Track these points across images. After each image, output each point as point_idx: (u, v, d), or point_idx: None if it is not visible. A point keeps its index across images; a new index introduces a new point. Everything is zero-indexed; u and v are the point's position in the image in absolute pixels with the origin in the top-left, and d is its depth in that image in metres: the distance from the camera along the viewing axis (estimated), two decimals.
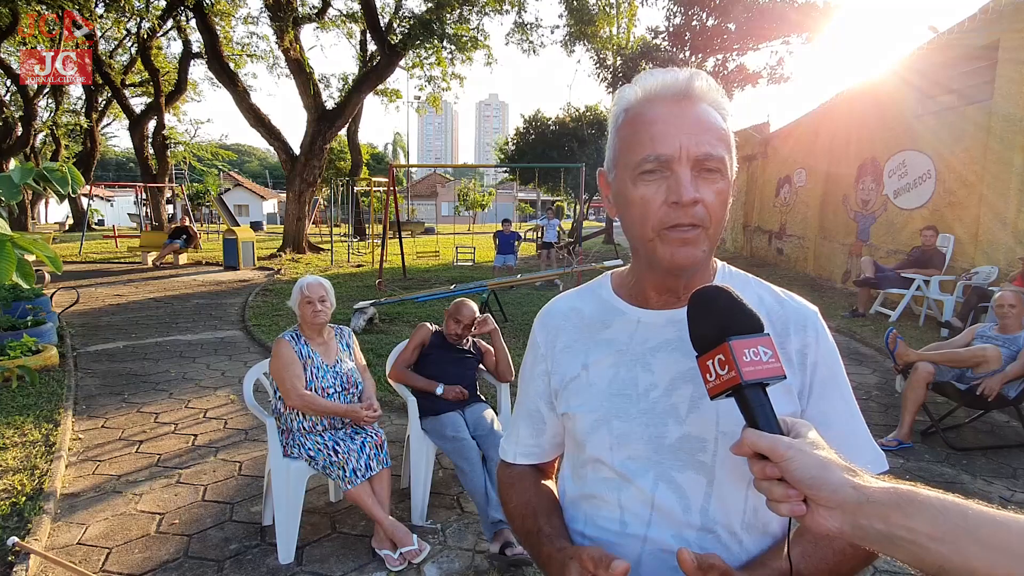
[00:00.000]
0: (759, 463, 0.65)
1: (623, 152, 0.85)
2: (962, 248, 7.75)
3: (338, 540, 2.96)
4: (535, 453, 1.05)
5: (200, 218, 31.43)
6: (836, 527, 0.61)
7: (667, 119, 0.81)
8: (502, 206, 45.34)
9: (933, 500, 0.57)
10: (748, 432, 0.66)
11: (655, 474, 0.86)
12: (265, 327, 7.54)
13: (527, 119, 22.18)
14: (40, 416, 4.36)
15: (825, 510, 0.61)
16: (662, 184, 0.80)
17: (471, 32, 15.47)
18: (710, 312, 0.73)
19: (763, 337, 0.71)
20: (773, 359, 0.69)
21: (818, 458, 0.62)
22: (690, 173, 0.79)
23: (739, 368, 0.67)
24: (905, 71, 9.11)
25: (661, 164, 0.80)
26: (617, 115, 0.88)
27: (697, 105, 0.82)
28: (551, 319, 1.01)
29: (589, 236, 22.48)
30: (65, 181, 1.48)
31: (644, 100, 0.84)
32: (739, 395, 0.69)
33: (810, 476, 0.61)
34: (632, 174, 0.82)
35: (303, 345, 2.96)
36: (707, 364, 0.72)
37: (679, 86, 0.82)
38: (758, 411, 0.68)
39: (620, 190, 0.86)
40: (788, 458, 0.62)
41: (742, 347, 0.69)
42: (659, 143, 0.80)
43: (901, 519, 0.57)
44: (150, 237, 16.00)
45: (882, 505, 0.58)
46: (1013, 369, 3.86)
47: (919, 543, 0.56)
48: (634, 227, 0.85)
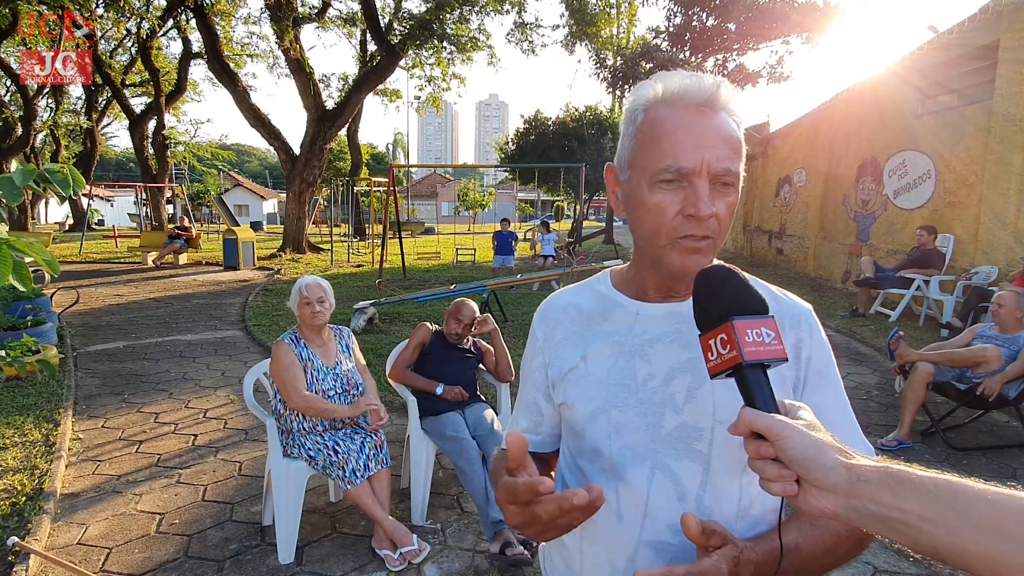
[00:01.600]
0: (754, 442, 0.65)
1: (640, 154, 0.84)
2: (962, 248, 7.75)
3: (338, 540, 2.96)
4: (533, 441, 1.06)
5: (200, 218, 31.43)
6: (829, 508, 0.61)
7: (690, 129, 0.80)
8: (502, 206, 45.39)
9: (925, 480, 0.57)
10: (746, 411, 0.66)
11: (652, 463, 0.87)
12: (265, 327, 7.55)
13: (527, 119, 22.16)
14: (40, 416, 4.36)
15: (817, 491, 0.62)
16: (679, 193, 0.81)
17: (471, 32, 15.48)
18: (716, 292, 0.74)
19: (767, 319, 0.71)
20: (776, 341, 0.70)
21: (813, 439, 0.63)
22: (708, 187, 0.80)
23: (740, 348, 0.68)
24: (905, 71, 9.11)
25: (681, 176, 0.80)
26: (634, 112, 0.86)
27: (718, 115, 0.82)
28: (550, 312, 1.02)
29: (589, 236, 22.48)
30: (66, 183, 1.48)
31: (665, 103, 0.83)
32: (739, 375, 0.70)
33: (804, 457, 0.62)
34: (649, 179, 0.82)
35: (302, 347, 2.95)
36: (708, 343, 0.72)
37: (704, 95, 0.81)
38: (757, 392, 0.68)
39: (633, 192, 0.86)
40: (784, 437, 0.63)
41: (745, 327, 0.69)
42: (681, 155, 0.79)
43: (892, 500, 0.57)
44: (150, 237, 16.00)
45: (873, 485, 0.58)
46: (1013, 369, 3.86)
47: (910, 523, 0.56)
48: (645, 231, 0.85)
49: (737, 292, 0.73)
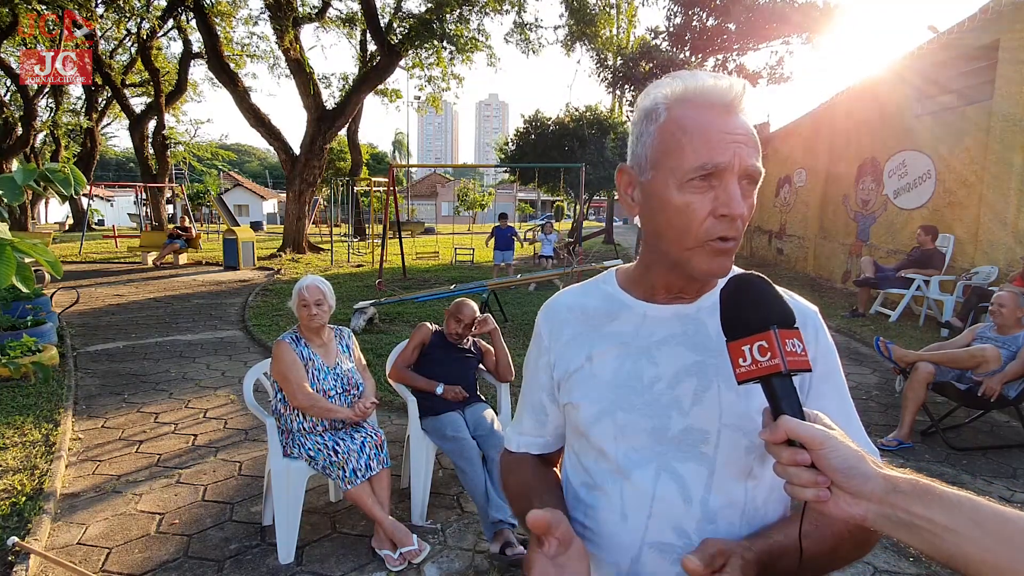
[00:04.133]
0: (789, 450, 0.67)
1: (667, 154, 0.82)
2: (962, 248, 7.76)
3: (338, 540, 2.96)
4: (538, 443, 1.06)
5: (200, 218, 31.42)
6: (860, 514, 0.64)
7: (721, 128, 0.80)
8: (502, 206, 45.37)
9: (949, 494, 0.62)
10: (786, 419, 0.68)
11: (657, 465, 0.87)
12: (265, 327, 7.55)
13: (527, 119, 22.15)
14: (40, 416, 4.36)
15: (851, 497, 0.65)
16: (709, 193, 0.80)
17: (471, 32, 15.48)
18: (756, 299, 0.75)
19: (796, 330, 0.73)
20: (804, 352, 0.72)
21: (853, 449, 0.66)
22: (737, 185, 0.80)
23: (783, 357, 0.69)
24: (905, 71, 9.11)
25: (715, 173, 0.79)
26: (655, 110, 0.84)
27: (741, 115, 0.82)
28: (556, 312, 1.02)
29: (589, 236, 22.48)
30: (68, 182, 1.48)
31: (690, 102, 0.82)
32: (769, 383, 0.71)
33: (847, 465, 0.64)
34: (679, 179, 0.80)
35: (303, 347, 2.96)
36: (742, 349, 0.73)
37: (731, 96, 0.81)
38: (787, 400, 0.70)
39: (658, 193, 0.83)
40: (829, 446, 0.65)
41: (785, 337, 0.71)
42: (716, 151, 0.79)
43: (922, 510, 0.61)
44: (150, 237, 16.00)
45: (906, 496, 0.62)
46: (1013, 369, 3.86)
47: (936, 533, 0.61)
48: (670, 233, 0.83)
49: (776, 302, 0.75)
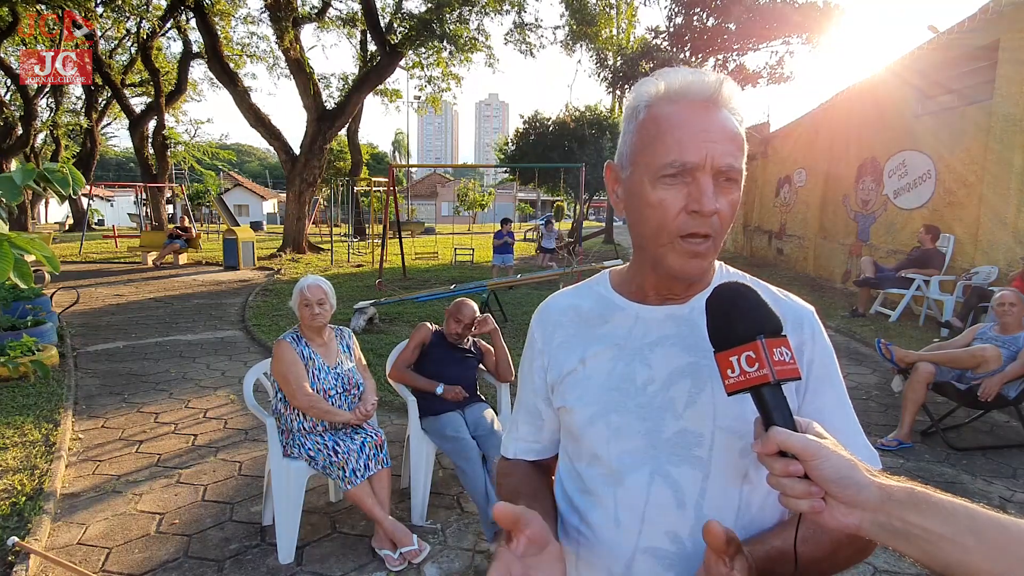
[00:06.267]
0: (782, 461, 0.66)
1: (643, 150, 0.83)
2: (962, 248, 7.75)
3: (338, 540, 2.96)
4: (534, 449, 1.05)
5: (200, 218, 31.41)
6: (854, 523, 0.63)
7: (695, 124, 0.79)
8: (502, 206, 45.35)
9: (945, 502, 0.61)
10: (777, 431, 0.66)
11: (651, 468, 0.86)
12: (265, 327, 7.55)
13: (527, 119, 22.14)
14: (40, 416, 4.36)
15: (846, 507, 0.63)
16: (682, 189, 0.79)
17: (471, 33, 15.47)
18: (738, 309, 0.73)
19: (784, 338, 0.72)
20: (792, 360, 0.70)
21: (846, 458, 0.64)
22: (712, 182, 0.79)
23: (771, 367, 0.68)
24: (905, 71, 9.10)
25: (685, 171, 0.79)
26: (636, 108, 0.85)
27: (721, 111, 0.81)
28: (548, 315, 1.01)
29: (589, 236, 22.48)
30: (66, 182, 1.48)
31: (668, 99, 0.82)
32: (759, 393, 0.70)
33: (840, 476, 0.63)
34: (652, 175, 0.81)
35: (304, 346, 2.96)
36: (730, 360, 0.72)
37: (707, 91, 0.81)
38: (778, 410, 0.69)
39: (635, 188, 0.84)
40: (821, 457, 0.64)
41: (772, 346, 0.70)
42: (686, 149, 0.78)
43: (917, 518, 0.60)
44: (150, 237, 16.00)
45: (901, 504, 0.61)
46: (1013, 369, 3.86)
47: (931, 541, 0.59)
48: (647, 229, 0.84)
49: (762, 310, 0.73)
